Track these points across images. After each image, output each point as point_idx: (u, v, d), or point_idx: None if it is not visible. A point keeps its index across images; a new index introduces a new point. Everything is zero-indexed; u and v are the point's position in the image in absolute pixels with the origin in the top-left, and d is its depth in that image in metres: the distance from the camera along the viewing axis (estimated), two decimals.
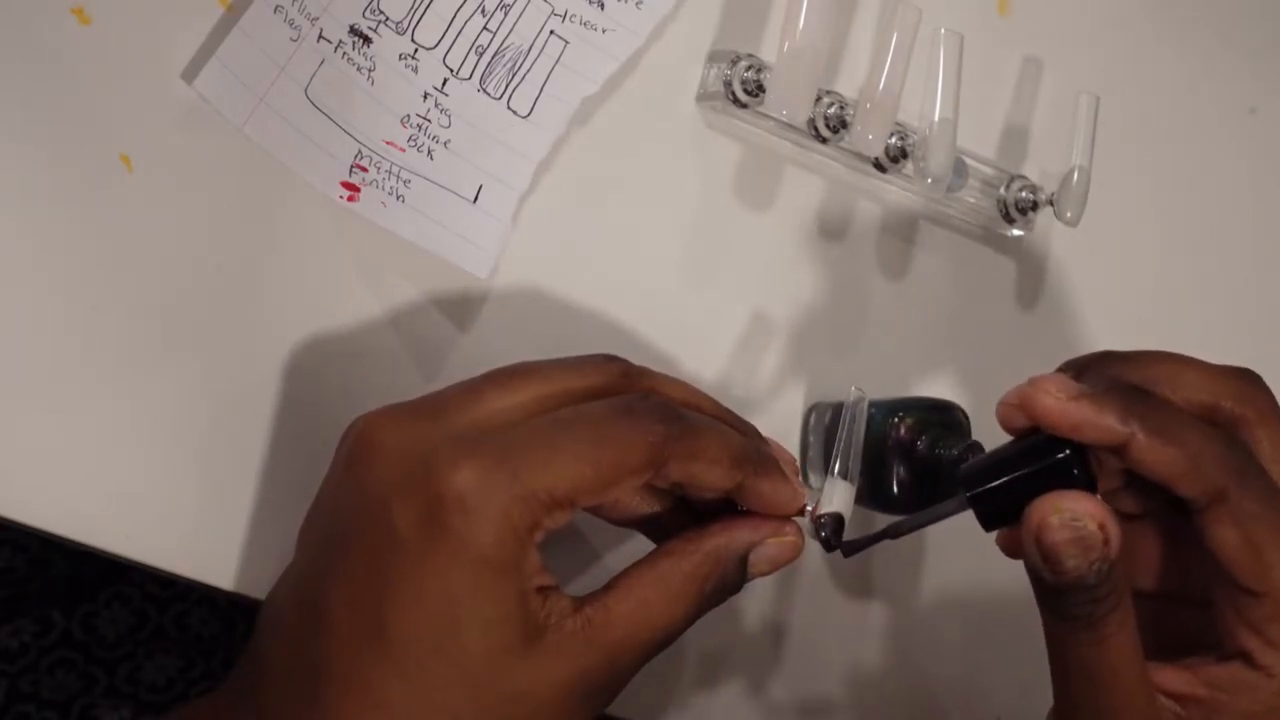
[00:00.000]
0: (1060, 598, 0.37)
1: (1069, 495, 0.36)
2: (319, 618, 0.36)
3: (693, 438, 0.38)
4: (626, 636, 0.37)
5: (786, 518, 0.41)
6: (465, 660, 0.35)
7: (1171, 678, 0.39)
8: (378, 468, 0.37)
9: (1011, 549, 0.43)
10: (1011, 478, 0.38)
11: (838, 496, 0.42)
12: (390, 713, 0.35)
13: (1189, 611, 0.41)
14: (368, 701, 0.35)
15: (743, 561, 0.39)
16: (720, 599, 0.39)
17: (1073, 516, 0.36)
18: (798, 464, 0.47)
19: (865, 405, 0.44)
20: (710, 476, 0.39)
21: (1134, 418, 0.37)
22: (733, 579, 0.39)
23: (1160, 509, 0.42)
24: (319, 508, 0.39)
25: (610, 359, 0.41)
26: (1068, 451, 0.37)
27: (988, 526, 0.40)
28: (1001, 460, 0.39)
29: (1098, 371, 0.41)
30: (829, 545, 0.41)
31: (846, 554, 0.42)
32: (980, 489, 0.39)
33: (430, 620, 0.35)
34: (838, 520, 0.41)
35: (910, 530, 0.42)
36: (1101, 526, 0.36)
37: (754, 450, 0.40)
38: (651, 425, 0.38)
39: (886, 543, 0.42)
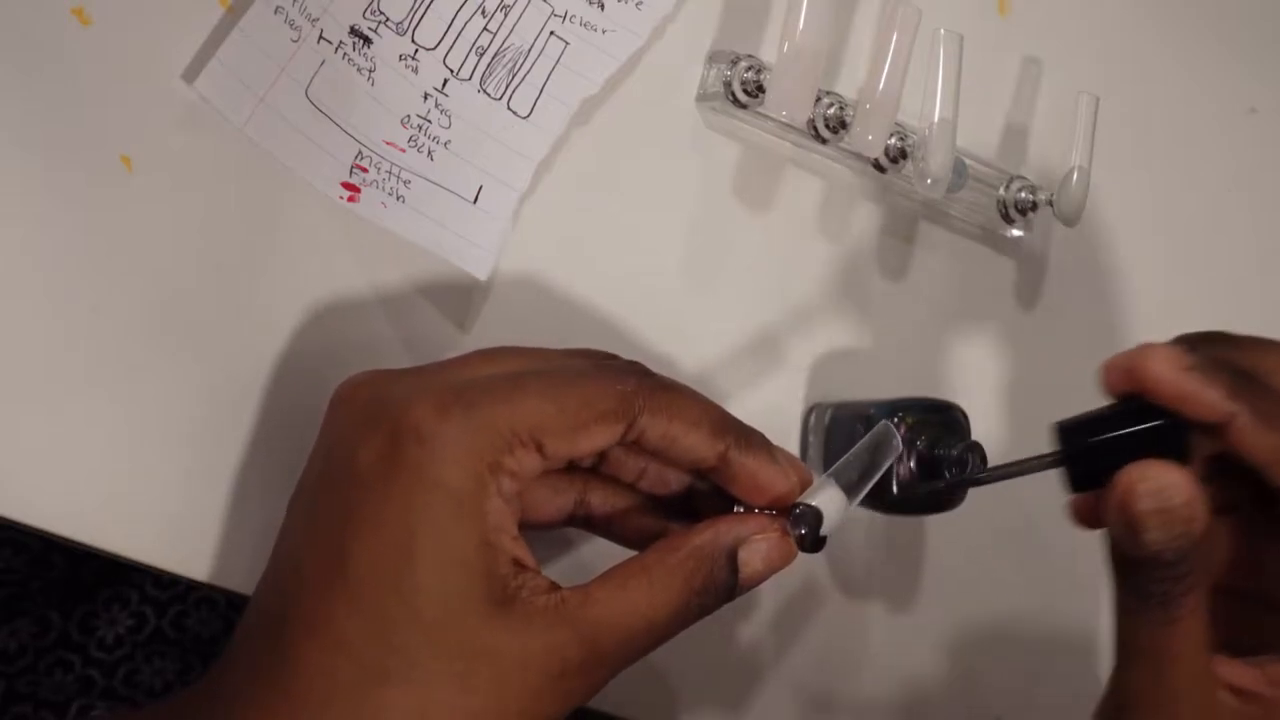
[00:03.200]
0: (1137, 572, 0.37)
1: (1162, 465, 0.36)
2: (288, 567, 0.36)
3: (668, 394, 0.38)
4: (605, 618, 0.36)
5: (777, 515, 0.40)
6: (421, 601, 0.34)
7: (1236, 671, 0.39)
8: (346, 417, 0.37)
9: (1086, 518, 0.42)
10: (1109, 439, 0.38)
11: (824, 495, 0.40)
12: (349, 652, 0.34)
13: (1266, 612, 0.41)
14: (328, 641, 0.34)
15: (732, 558, 0.38)
16: (713, 599, 0.38)
17: (1161, 487, 0.36)
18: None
19: (898, 444, 0.42)
20: (691, 440, 0.38)
21: (1240, 398, 0.37)
22: (723, 576, 0.38)
23: (1247, 505, 0.42)
24: (301, 478, 0.39)
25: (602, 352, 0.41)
26: (1168, 422, 0.37)
27: (1075, 488, 0.39)
28: (1100, 420, 0.38)
29: (1208, 349, 0.39)
30: (802, 542, 0.39)
31: (819, 534, 0.40)
32: (1076, 447, 0.38)
33: (387, 553, 0.34)
34: (814, 515, 0.39)
35: (996, 480, 0.42)
36: (1189, 503, 0.35)
37: (738, 423, 0.40)
38: (623, 376, 0.38)
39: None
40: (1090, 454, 0.38)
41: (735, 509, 0.40)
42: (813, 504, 0.39)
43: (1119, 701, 0.39)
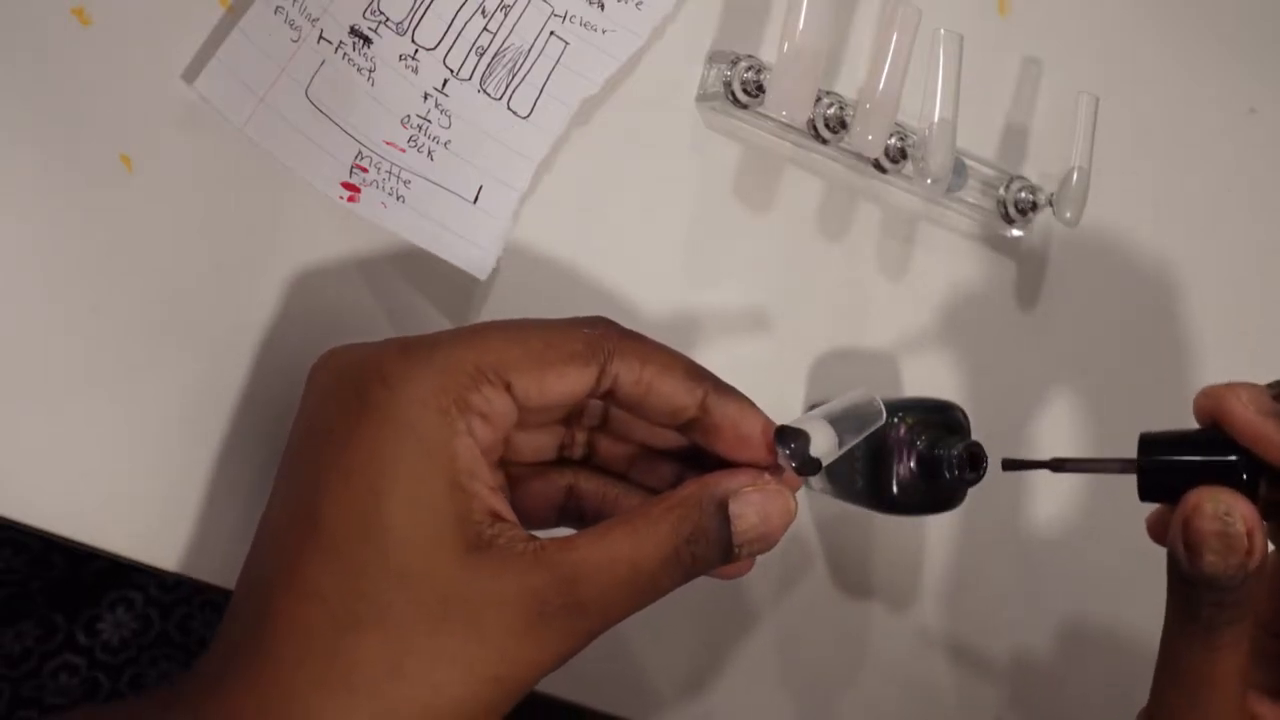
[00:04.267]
0: (1189, 592, 0.38)
1: (1230, 492, 0.37)
2: (268, 535, 0.36)
3: (636, 340, 0.38)
4: (585, 562, 0.35)
5: (766, 467, 0.39)
6: (391, 543, 0.34)
7: (1268, 709, 0.40)
8: (321, 383, 0.37)
9: (1159, 534, 0.43)
10: (1183, 460, 0.40)
11: (810, 424, 0.39)
12: (322, 603, 0.34)
13: None
14: (302, 595, 0.34)
15: (722, 508, 0.37)
16: (704, 549, 0.37)
17: (1226, 510, 0.37)
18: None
19: (879, 406, 0.41)
20: (668, 387, 0.38)
21: None
22: (713, 525, 0.37)
23: None
24: (282, 453, 0.39)
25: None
26: (1239, 457, 0.38)
27: (1144, 497, 0.41)
28: (1181, 440, 0.40)
29: None
30: (800, 466, 0.38)
31: (810, 473, 0.39)
32: (1153, 460, 0.40)
33: (356, 499, 0.34)
34: (802, 434, 0.38)
35: (1074, 470, 0.44)
36: (1250, 534, 0.36)
37: (711, 372, 0.39)
38: (588, 322, 0.38)
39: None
40: (1165, 470, 0.40)
41: None
42: (799, 427, 0.39)
43: (1156, 717, 0.40)
